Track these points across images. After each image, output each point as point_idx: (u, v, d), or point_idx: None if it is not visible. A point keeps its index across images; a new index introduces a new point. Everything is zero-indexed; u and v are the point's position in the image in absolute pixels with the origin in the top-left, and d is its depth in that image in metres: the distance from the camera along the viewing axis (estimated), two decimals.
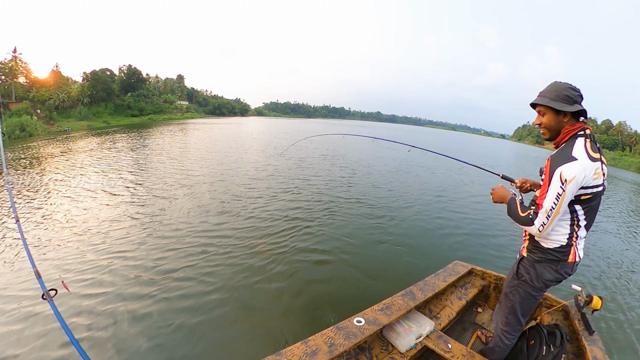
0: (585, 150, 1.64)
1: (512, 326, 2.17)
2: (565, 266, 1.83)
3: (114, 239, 5.71)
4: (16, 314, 3.75)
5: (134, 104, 56.43)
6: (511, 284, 2.10)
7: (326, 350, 1.86)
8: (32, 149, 18.10)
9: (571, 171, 1.58)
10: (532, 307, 2.08)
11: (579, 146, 1.65)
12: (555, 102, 1.72)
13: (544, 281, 1.89)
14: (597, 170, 1.64)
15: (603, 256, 6.99)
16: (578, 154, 1.62)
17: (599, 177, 1.65)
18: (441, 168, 17.63)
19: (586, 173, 1.59)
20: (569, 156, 1.63)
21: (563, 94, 1.71)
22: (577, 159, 1.60)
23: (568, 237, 1.78)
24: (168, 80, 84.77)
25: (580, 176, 1.58)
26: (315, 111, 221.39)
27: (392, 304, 2.50)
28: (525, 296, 2.02)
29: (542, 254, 1.86)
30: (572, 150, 1.65)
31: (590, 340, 2.37)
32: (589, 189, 1.65)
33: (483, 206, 9.99)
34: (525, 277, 1.97)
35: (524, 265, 1.98)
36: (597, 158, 1.66)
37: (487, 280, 3.41)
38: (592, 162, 1.62)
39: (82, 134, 29.42)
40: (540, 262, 1.88)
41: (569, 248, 1.79)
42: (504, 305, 2.18)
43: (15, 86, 40.43)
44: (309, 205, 8.16)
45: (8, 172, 11.04)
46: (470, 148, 45.54)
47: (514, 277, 2.07)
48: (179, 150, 17.68)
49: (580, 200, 1.69)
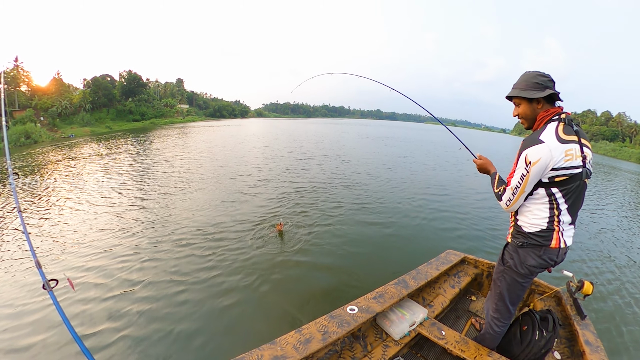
0: (555, 133, 1.67)
1: (501, 313, 2.18)
2: (548, 252, 1.82)
3: (121, 236, 5.81)
4: (20, 303, 3.89)
5: (135, 109, 56.74)
6: (498, 270, 2.13)
7: (320, 338, 1.89)
8: (39, 155, 18.28)
9: (536, 154, 1.64)
10: (519, 295, 2.08)
11: (549, 130, 1.69)
12: (526, 91, 1.79)
13: (528, 267, 1.89)
14: (569, 152, 1.64)
15: (594, 242, 7.11)
16: (545, 137, 1.67)
17: (573, 159, 1.65)
18: (439, 160, 17.62)
19: (553, 155, 1.62)
20: (536, 139, 1.68)
21: (532, 82, 1.77)
22: (544, 142, 1.65)
23: (548, 222, 1.78)
24: (168, 84, 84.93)
25: (546, 159, 1.63)
26: (315, 111, 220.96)
27: (385, 292, 2.52)
28: (511, 282, 2.03)
29: (524, 238, 1.86)
30: (541, 134, 1.69)
31: (582, 324, 2.40)
32: (562, 170, 1.65)
33: (477, 197, 10.11)
34: (509, 263, 1.99)
35: (509, 251, 2.00)
36: (571, 140, 1.66)
37: (480, 269, 3.44)
38: (562, 144, 1.64)
39: (85, 140, 29.64)
40: (523, 247, 1.88)
41: (550, 233, 1.79)
42: (494, 292, 2.20)
43: (17, 94, 40.75)
44: (304, 195, 8.23)
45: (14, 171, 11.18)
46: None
47: (500, 263, 2.10)
48: (190, 150, 17.76)
49: (555, 183, 1.69)
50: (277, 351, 1.74)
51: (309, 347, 1.81)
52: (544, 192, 1.74)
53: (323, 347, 1.86)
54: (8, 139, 21.60)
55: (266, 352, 1.73)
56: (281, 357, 1.71)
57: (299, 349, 1.78)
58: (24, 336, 3.45)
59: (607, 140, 68.27)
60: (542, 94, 1.73)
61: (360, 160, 16.88)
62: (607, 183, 17.96)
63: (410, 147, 27.24)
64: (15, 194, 2.45)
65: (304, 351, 1.77)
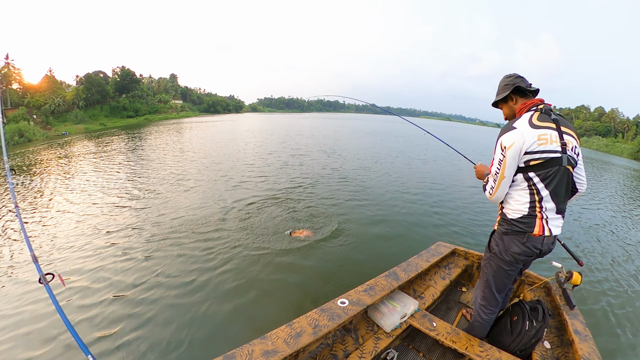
0: (528, 120, 1.78)
1: (488, 301, 2.21)
2: (532, 239, 1.85)
3: (119, 236, 5.78)
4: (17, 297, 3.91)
5: (129, 105, 56.45)
6: (485, 258, 2.18)
7: (310, 332, 1.88)
8: (33, 154, 18.14)
9: (509, 139, 1.76)
10: (505, 282, 2.11)
11: (523, 118, 1.81)
12: (499, 94, 2.03)
13: (512, 254, 1.92)
14: (543, 137, 1.72)
15: (586, 236, 7.19)
16: (518, 124, 1.78)
17: (547, 143, 1.72)
18: (430, 154, 17.68)
19: (525, 139, 1.72)
20: (510, 127, 1.80)
21: (502, 85, 2.02)
22: (516, 128, 1.76)
23: (529, 207, 1.82)
24: (161, 80, 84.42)
25: (519, 142, 1.72)
26: (309, 105, 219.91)
27: (376, 284, 2.52)
28: (497, 269, 2.07)
29: (508, 225, 1.90)
30: (514, 122, 1.82)
31: (572, 314, 2.43)
32: (536, 154, 1.72)
33: (469, 190, 10.22)
34: (495, 250, 2.03)
35: (495, 238, 2.05)
36: (545, 126, 1.75)
37: (470, 260, 3.46)
38: (534, 129, 1.74)
39: (79, 137, 29.47)
40: (507, 234, 1.92)
41: (532, 219, 1.82)
42: (481, 279, 2.25)
43: (9, 92, 40.30)
44: (294, 187, 8.23)
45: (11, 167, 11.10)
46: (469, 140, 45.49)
47: (487, 250, 2.15)
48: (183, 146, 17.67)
49: (532, 167, 1.76)
50: (268, 346, 1.73)
51: (300, 341, 1.80)
52: (521, 177, 1.81)
53: (314, 340, 1.85)
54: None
55: (257, 347, 1.72)
56: (272, 351, 1.70)
57: (289, 343, 1.77)
58: (19, 327, 3.47)
59: (600, 135, 68.91)
60: (509, 91, 1.95)
61: (354, 154, 16.92)
62: (599, 178, 18.13)
63: (404, 142, 27.26)
64: (12, 190, 2.45)
65: (295, 345, 1.77)
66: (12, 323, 3.58)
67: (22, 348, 3.23)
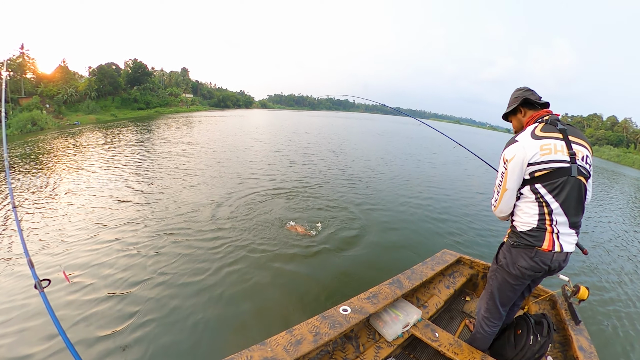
0: (531, 132, 1.78)
1: (491, 313, 2.17)
2: (541, 254, 1.78)
3: (125, 229, 5.85)
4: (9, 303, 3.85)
5: (140, 97, 56.98)
6: (491, 269, 2.14)
7: (311, 340, 1.86)
8: (43, 142, 18.37)
9: (510, 152, 1.79)
10: (510, 296, 2.07)
11: (526, 131, 1.82)
12: (509, 107, 2.06)
13: (520, 268, 1.87)
14: (545, 147, 1.70)
15: (592, 245, 7.10)
16: (520, 137, 1.80)
17: (551, 153, 1.69)
18: (438, 160, 17.54)
19: (527, 151, 1.72)
20: (512, 140, 1.83)
21: (512, 98, 2.05)
22: (518, 141, 1.78)
23: (539, 220, 1.77)
24: (173, 73, 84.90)
25: (520, 155, 1.74)
26: (319, 103, 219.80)
27: (379, 292, 2.49)
28: (502, 282, 2.03)
29: (517, 238, 1.87)
30: (517, 135, 1.84)
31: (577, 330, 2.39)
32: (539, 165, 1.70)
33: (477, 197, 10.09)
34: (502, 262, 1.99)
35: (503, 250, 2.01)
36: (548, 136, 1.73)
37: (476, 269, 3.40)
38: (536, 140, 1.73)
39: (91, 127, 29.82)
40: (515, 246, 1.88)
41: (542, 233, 1.77)
42: (486, 291, 2.21)
43: (23, 82, 40.90)
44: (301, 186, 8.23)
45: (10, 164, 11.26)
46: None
47: (494, 262, 2.11)
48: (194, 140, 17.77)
49: (537, 178, 1.73)
50: (267, 352, 1.72)
51: (300, 349, 1.78)
52: (528, 189, 1.79)
53: (314, 348, 1.84)
54: (14, 126, 21.70)
55: (256, 353, 1.70)
56: (271, 358, 1.68)
57: (289, 351, 1.75)
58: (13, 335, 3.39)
59: (612, 145, 67.48)
60: (517, 103, 1.98)
61: (362, 155, 16.87)
62: (610, 189, 17.81)
63: (413, 144, 27.08)
64: (10, 189, 2.45)
65: (295, 353, 1.75)
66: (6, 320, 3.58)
67: (18, 345, 3.24)
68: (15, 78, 40.60)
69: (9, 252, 5.10)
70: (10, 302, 3.86)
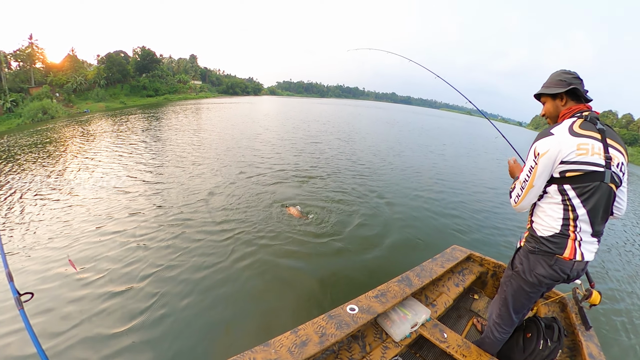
0: (569, 127, 1.62)
1: (503, 320, 2.11)
2: (560, 262, 1.68)
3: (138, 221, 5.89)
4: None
5: (149, 85, 57.15)
6: (506, 275, 2.05)
7: (317, 341, 1.80)
8: (51, 131, 18.57)
9: (544, 145, 1.63)
10: (524, 304, 1.99)
11: (563, 124, 1.66)
12: (549, 88, 1.79)
13: (537, 275, 1.77)
14: (583, 146, 1.56)
15: (605, 249, 6.82)
16: (556, 130, 1.64)
17: (587, 154, 1.55)
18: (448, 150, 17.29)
19: (562, 147, 1.58)
20: (547, 132, 1.66)
21: (556, 80, 1.77)
22: (553, 134, 1.62)
23: (562, 225, 1.65)
24: (181, 60, 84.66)
25: (554, 150, 1.59)
26: (328, 91, 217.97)
27: (388, 290, 2.43)
28: (517, 289, 1.94)
29: (537, 243, 1.75)
30: (553, 128, 1.67)
31: (587, 335, 2.33)
32: (573, 165, 1.57)
33: (490, 193, 9.91)
34: (518, 268, 1.89)
35: (519, 256, 1.91)
36: (587, 135, 1.58)
37: (486, 267, 3.32)
38: (574, 137, 1.58)
39: (101, 115, 30.06)
40: (534, 252, 1.77)
41: (564, 239, 1.66)
42: (499, 296, 2.13)
43: (33, 71, 41.28)
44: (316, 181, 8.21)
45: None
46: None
47: (509, 267, 2.01)
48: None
49: (567, 179, 1.60)
50: (271, 354, 1.67)
51: (305, 351, 1.73)
52: (555, 189, 1.65)
53: (320, 350, 1.79)
54: (25, 115, 21.92)
55: (259, 354, 1.66)
56: None
57: (294, 353, 1.70)
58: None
59: (626, 144, 65.65)
60: (563, 89, 1.73)
61: (374, 145, 16.72)
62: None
63: (424, 134, 26.70)
64: None
65: (300, 355, 1.70)
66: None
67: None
68: (25, 68, 40.99)
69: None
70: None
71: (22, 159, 11.60)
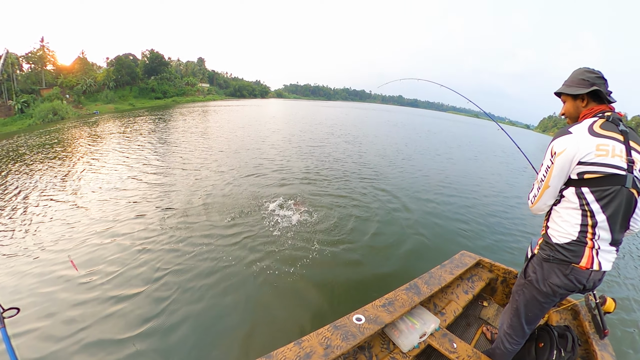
0: (589, 126, 1.55)
1: (515, 330, 2.03)
2: (576, 272, 1.59)
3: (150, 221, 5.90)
4: None
5: (157, 87, 57.90)
6: (518, 284, 1.97)
7: (321, 354, 1.73)
8: (60, 132, 18.78)
9: (561, 144, 1.57)
10: (537, 315, 1.92)
11: (583, 124, 1.59)
12: (570, 87, 1.71)
13: (551, 285, 1.69)
14: (602, 147, 1.48)
15: (620, 257, 6.54)
16: (575, 129, 1.58)
17: (607, 155, 1.47)
18: (458, 155, 17.14)
19: (580, 147, 1.51)
20: (565, 131, 1.60)
21: (578, 78, 1.68)
22: (572, 133, 1.56)
23: (580, 231, 1.57)
24: (189, 63, 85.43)
25: (572, 150, 1.52)
26: (335, 93, 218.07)
27: (395, 299, 2.36)
28: (530, 299, 1.86)
29: (551, 251, 1.67)
30: (571, 127, 1.60)
31: (601, 344, 2.24)
32: (592, 166, 1.49)
33: (500, 197, 9.77)
34: (531, 277, 1.81)
35: (533, 264, 1.82)
36: (608, 136, 1.50)
37: (495, 273, 3.23)
38: (593, 137, 1.51)
39: (109, 116, 30.41)
40: (548, 260, 1.69)
41: (581, 248, 1.57)
42: (510, 306, 2.05)
43: (44, 73, 42.06)
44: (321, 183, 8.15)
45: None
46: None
47: (522, 276, 1.93)
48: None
49: (585, 181, 1.52)
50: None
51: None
52: (573, 191, 1.57)
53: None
54: (36, 116, 22.27)
55: None
56: None
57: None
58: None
59: None
60: (585, 90, 1.64)
61: (382, 147, 16.64)
62: None
63: (435, 138, 26.56)
64: None
65: None
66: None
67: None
68: (36, 70, 41.77)
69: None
70: None
71: (30, 158, 11.72)
